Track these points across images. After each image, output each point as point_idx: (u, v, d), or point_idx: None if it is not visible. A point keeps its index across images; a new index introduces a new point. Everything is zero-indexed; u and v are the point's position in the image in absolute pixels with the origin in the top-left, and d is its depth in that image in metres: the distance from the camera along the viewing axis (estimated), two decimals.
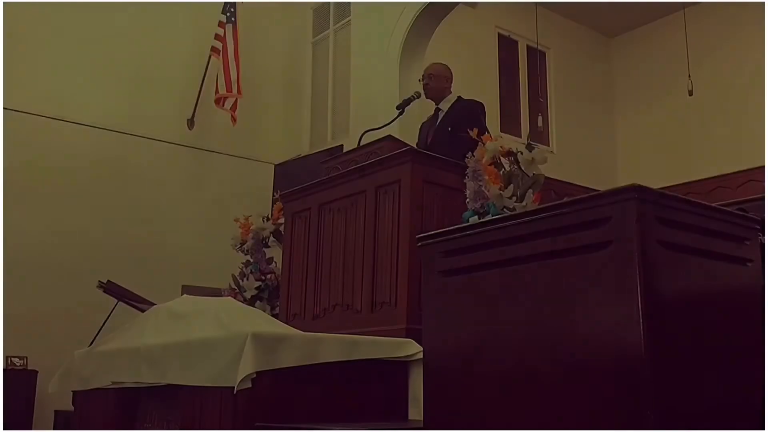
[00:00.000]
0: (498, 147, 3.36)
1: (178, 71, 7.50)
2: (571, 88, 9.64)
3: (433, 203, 3.67)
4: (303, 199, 4.36)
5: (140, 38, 7.30)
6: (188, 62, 7.54)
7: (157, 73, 7.37)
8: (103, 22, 7.09)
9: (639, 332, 1.66)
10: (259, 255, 4.99)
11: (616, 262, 1.75)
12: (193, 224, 7.27)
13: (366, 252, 3.78)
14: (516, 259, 1.99)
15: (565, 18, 9.72)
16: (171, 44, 7.50)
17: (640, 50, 9.87)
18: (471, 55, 8.55)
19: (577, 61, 9.82)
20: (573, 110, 9.58)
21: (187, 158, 7.45)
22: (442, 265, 2.18)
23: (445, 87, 4.74)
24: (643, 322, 1.66)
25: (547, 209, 1.94)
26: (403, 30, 6.70)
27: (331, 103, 7.77)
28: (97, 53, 7.03)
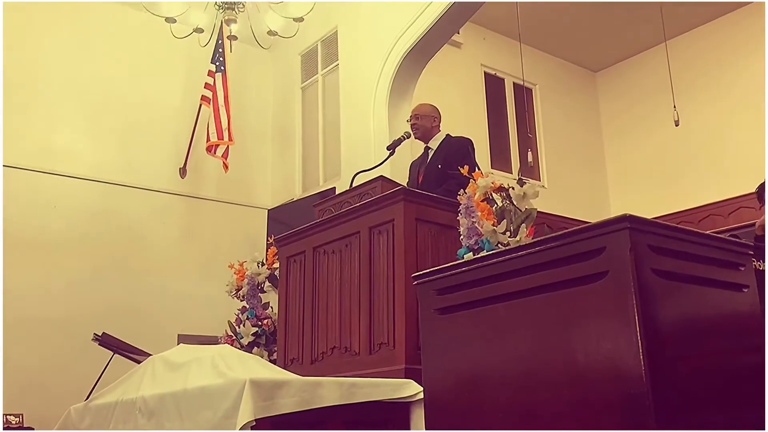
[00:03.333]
0: (489, 183, 3.37)
1: (169, 120, 7.54)
2: (559, 122, 9.73)
3: (427, 241, 3.67)
4: (297, 243, 4.35)
5: (130, 87, 7.35)
6: (179, 111, 7.59)
7: (147, 123, 7.40)
8: (92, 72, 7.15)
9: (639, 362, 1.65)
10: (254, 300, 4.96)
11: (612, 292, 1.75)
12: (188, 272, 7.24)
13: (362, 293, 3.77)
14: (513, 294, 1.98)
15: (549, 54, 9.86)
16: (161, 93, 7.56)
17: (625, 83, 9.99)
18: (458, 94, 8.63)
19: (564, 96, 9.92)
20: (562, 144, 9.65)
21: (180, 207, 7.45)
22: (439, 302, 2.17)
23: (434, 126, 4.78)
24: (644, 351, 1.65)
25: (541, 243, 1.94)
26: (390, 72, 6.78)
27: (322, 146, 7.81)
28: (86, 104, 7.07)
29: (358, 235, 3.88)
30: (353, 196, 4.14)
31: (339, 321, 3.90)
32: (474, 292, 2.09)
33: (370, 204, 3.84)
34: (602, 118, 10.27)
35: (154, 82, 7.53)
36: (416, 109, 4.89)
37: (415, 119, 4.77)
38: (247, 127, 8.06)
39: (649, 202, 8.66)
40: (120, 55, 7.37)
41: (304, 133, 8.14)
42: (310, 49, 8.17)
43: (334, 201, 4.33)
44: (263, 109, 8.40)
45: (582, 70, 10.31)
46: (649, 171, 9.41)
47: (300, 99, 8.25)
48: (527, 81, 9.07)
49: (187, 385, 3.10)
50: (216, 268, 6.78)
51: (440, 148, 4.69)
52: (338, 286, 3.97)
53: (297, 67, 8.32)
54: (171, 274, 7.14)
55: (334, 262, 4.04)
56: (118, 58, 7.34)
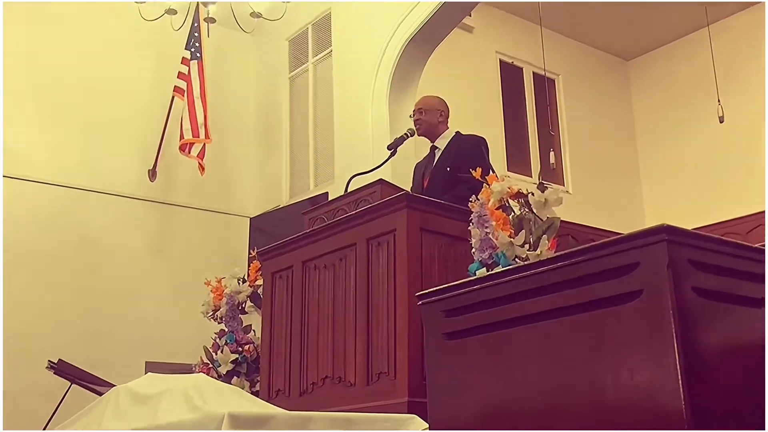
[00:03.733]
0: (506, 188, 3.37)
1: (137, 115, 7.55)
2: (586, 118, 9.74)
3: (433, 255, 3.67)
4: (284, 256, 4.35)
5: (92, 78, 7.37)
6: (148, 105, 7.60)
7: (112, 118, 7.42)
8: (48, 61, 7.16)
9: (679, 395, 1.65)
10: (234, 323, 4.96)
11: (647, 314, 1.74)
12: (158, 289, 7.24)
13: (358, 315, 3.76)
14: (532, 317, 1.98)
15: (575, 40, 9.88)
16: (127, 85, 7.57)
17: (662, 73, 10.01)
18: (470, 85, 8.65)
19: (591, 89, 9.94)
20: (589, 144, 9.66)
21: (149, 214, 7.45)
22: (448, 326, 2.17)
23: (440, 122, 4.78)
24: (684, 383, 1.65)
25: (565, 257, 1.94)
26: (391, 60, 6.79)
27: (313, 145, 7.82)
28: (41, 97, 7.08)
29: (354, 247, 3.88)
30: (349, 202, 4.15)
31: (332, 347, 3.89)
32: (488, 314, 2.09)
33: (368, 211, 3.84)
34: (635, 114, 10.28)
35: (119, 72, 7.55)
36: (420, 102, 4.90)
37: (418, 113, 4.77)
38: (226, 123, 8.07)
39: (689, 211, 8.66)
40: (80, 41, 7.38)
41: (292, 130, 8.15)
42: (300, 34, 8.19)
43: (326, 208, 4.33)
44: (245, 103, 8.42)
45: (612, 58, 10.33)
46: (690, 174, 9.41)
47: (287, 91, 8.26)
48: (549, 71, 9.09)
49: (156, 420, 3.09)
50: (190, 286, 6.76)
51: (449, 147, 4.69)
52: (331, 306, 3.96)
53: (284, 54, 8.34)
54: (138, 292, 7.14)
55: (326, 278, 4.03)
56: (77, 45, 7.36)
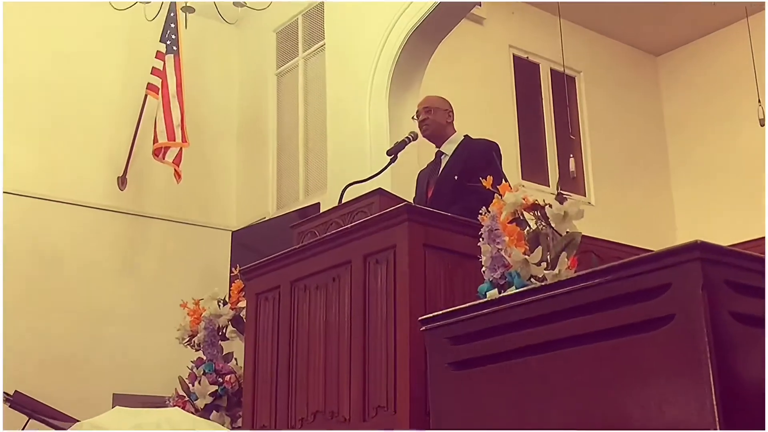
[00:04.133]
0: (520, 199, 3.37)
1: (105, 116, 7.56)
2: (611, 121, 9.75)
3: (438, 274, 3.66)
4: (270, 275, 4.35)
5: (55, 74, 7.37)
6: (117, 104, 7.61)
7: (77, 119, 7.42)
8: (6, 59, 7.16)
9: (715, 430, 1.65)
10: (214, 350, 4.94)
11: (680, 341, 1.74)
12: (127, 312, 7.22)
13: (354, 341, 3.75)
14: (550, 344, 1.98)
15: (597, 33, 9.90)
16: (95, 81, 7.58)
17: (695, 71, 10.02)
18: (480, 83, 8.66)
19: (616, 87, 9.95)
20: (614, 149, 9.66)
21: (118, 226, 7.45)
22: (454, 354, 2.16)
23: (447, 123, 4.79)
24: (720, 418, 1.65)
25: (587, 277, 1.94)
26: (392, 54, 6.80)
27: (303, 150, 7.83)
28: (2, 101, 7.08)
29: (348, 265, 3.87)
30: (343, 214, 4.14)
31: (324, 377, 3.88)
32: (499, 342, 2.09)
33: (365, 225, 3.84)
34: (665, 116, 10.30)
35: (85, 68, 7.56)
36: (425, 101, 4.91)
37: (425, 112, 4.78)
38: (206, 124, 8.07)
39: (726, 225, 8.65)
40: (40, 34, 7.39)
41: (279, 133, 8.15)
42: (289, 25, 8.21)
43: (318, 221, 4.33)
44: (227, 102, 8.43)
45: (639, 53, 10.35)
46: (727, 184, 9.41)
47: (275, 89, 8.27)
48: (569, 67, 9.11)
49: None
50: (163, 308, 6.75)
51: (457, 153, 4.69)
52: (323, 331, 3.95)
53: (271, 47, 8.35)
54: (105, 315, 7.12)
55: (317, 300, 4.03)
56: (38, 38, 7.37)
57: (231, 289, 5.08)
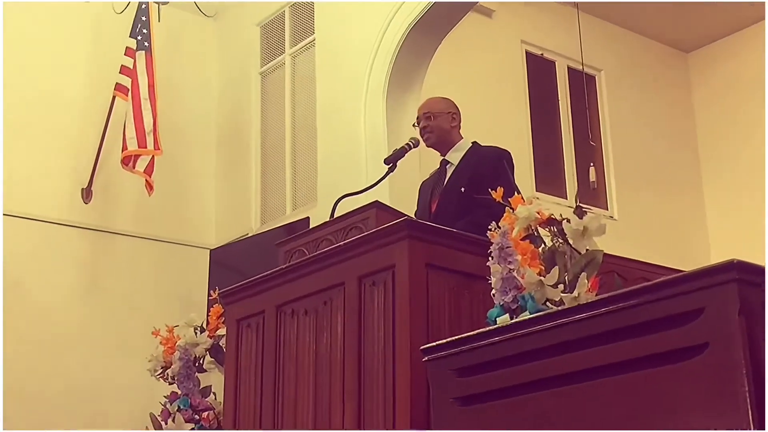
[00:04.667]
0: (534, 213, 3.37)
1: (68, 121, 7.55)
2: (636, 124, 9.75)
3: (442, 298, 3.66)
4: (253, 299, 4.34)
5: (11, 74, 7.36)
6: (82, 107, 7.60)
7: (37, 124, 7.41)
8: None
9: None
10: (190, 384, 4.93)
11: (715, 373, 1.74)
12: (92, 339, 7.20)
13: (347, 373, 3.75)
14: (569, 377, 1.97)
15: (620, 27, 9.92)
16: (57, 82, 7.57)
17: (729, 68, 10.03)
18: (488, 83, 8.67)
19: (642, 87, 9.96)
20: (639, 156, 9.66)
21: (82, 243, 7.43)
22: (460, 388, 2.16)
23: (452, 128, 4.79)
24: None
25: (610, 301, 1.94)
26: (390, 51, 6.80)
27: (290, 158, 7.83)
28: None
29: (342, 288, 3.87)
30: (335, 230, 4.14)
31: (314, 415, 3.87)
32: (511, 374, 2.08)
33: (361, 242, 3.83)
34: (697, 118, 10.30)
35: (45, 66, 7.56)
36: (426, 105, 4.90)
37: (425, 119, 4.78)
38: (181, 130, 8.07)
39: None
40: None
41: (264, 139, 8.16)
42: (274, 18, 8.23)
43: (307, 238, 4.33)
44: (205, 105, 8.43)
45: (668, 50, 10.37)
46: None
47: (258, 90, 8.28)
48: (589, 65, 9.12)
49: None
50: (133, 335, 6.73)
51: (464, 162, 4.69)
52: (312, 362, 3.95)
53: (255, 43, 8.37)
54: (67, 343, 7.10)
55: (306, 327, 4.02)
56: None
57: (209, 314, 5.07)
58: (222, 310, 4.82)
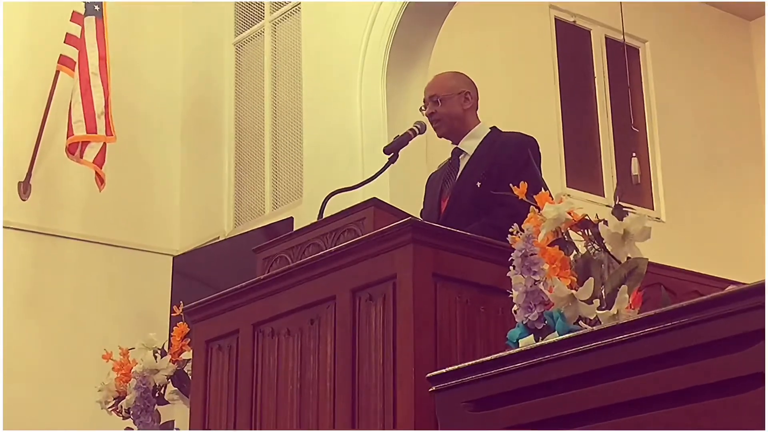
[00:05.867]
0: (564, 213, 3.37)
1: (2, 100, 7.54)
2: (687, 106, 9.76)
3: (453, 315, 3.66)
4: (225, 316, 4.34)
5: None
6: (18, 84, 7.60)
7: None
8: None
9: None
10: (148, 418, 4.94)
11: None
12: (31, 363, 7.20)
13: (339, 405, 3.75)
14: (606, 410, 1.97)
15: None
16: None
17: None
18: (510, 58, 8.67)
19: (695, 62, 9.96)
20: (691, 146, 9.67)
21: (20, 248, 7.42)
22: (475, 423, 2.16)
23: (466, 111, 4.76)
24: None
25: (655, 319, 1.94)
26: (391, 18, 6.81)
27: (271, 148, 7.83)
28: None
29: (332, 303, 3.87)
30: (325, 234, 4.14)
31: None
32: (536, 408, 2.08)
33: (355, 248, 3.84)
34: (762, 100, 10.30)
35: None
36: (432, 85, 4.86)
37: (432, 104, 4.75)
38: (140, 112, 8.08)
39: None
40: None
41: (239, 124, 8.16)
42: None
43: (290, 243, 4.33)
44: (169, 82, 8.43)
45: (727, 16, 10.38)
46: None
47: (232, 65, 8.28)
48: (631, 35, 9.12)
49: None
50: (80, 358, 6.74)
51: (480, 151, 4.68)
52: (297, 393, 3.95)
53: (228, 8, 8.37)
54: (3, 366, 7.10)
55: (289, 351, 4.03)
56: None
57: (172, 334, 5.07)
58: (187, 329, 4.82)
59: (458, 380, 2.22)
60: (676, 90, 9.75)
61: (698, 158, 9.69)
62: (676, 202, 9.42)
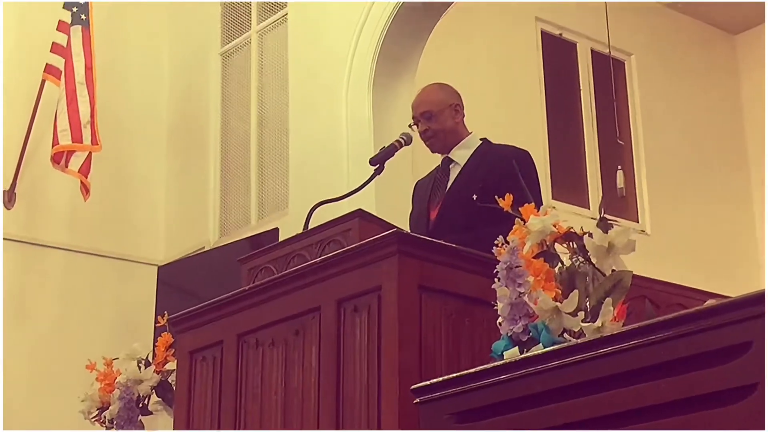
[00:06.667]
0: (549, 225, 3.37)
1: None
2: (672, 119, 9.78)
3: (438, 327, 3.65)
4: (209, 327, 4.34)
5: None
6: (4, 92, 7.57)
7: None
8: None
9: None
10: (131, 428, 4.92)
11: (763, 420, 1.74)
12: (15, 373, 7.17)
13: (323, 417, 3.75)
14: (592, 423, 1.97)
15: (654, 3, 9.95)
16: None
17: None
18: (497, 69, 8.69)
19: (680, 75, 9.99)
20: (676, 158, 9.69)
21: (5, 257, 7.40)
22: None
23: (456, 123, 4.77)
24: None
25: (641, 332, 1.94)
26: (377, 28, 6.81)
27: (257, 158, 7.82)
28: None
29: (317, 314, 3.87)
30: (310, 245, 4.14)
31: None
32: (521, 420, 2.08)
33: (340, 259, 3.83)
34: (746, 113, 10.33)
35: None
36: (422, 101, 4.80)
37: (425, 120, 4.72)
38: (125, 122, 8.06)
39: None
40: None
41: (224, 135, 8.15)
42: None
43: (275, 254, 4.33)
44: (155, 92, 8.42)
45: (712, 30, 10.41)
46: None
47: (218, 74, 8.28)
48: (617, 48, 9.14)
49: None
50: (63, 368, 6.72)
51: (473, 163, 4.66)
52: (281, 404, 3.95)
53: (215, 18, 8.36)
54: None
55: (274, 362, 4.02)
56: None
57: (156, 345, 5.06)
58: (171, 339, 4.81)
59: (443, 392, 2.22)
60: (662, 103, 9.78)
61: (683, 171, 9.71)
62: (661, 215, 9.44)
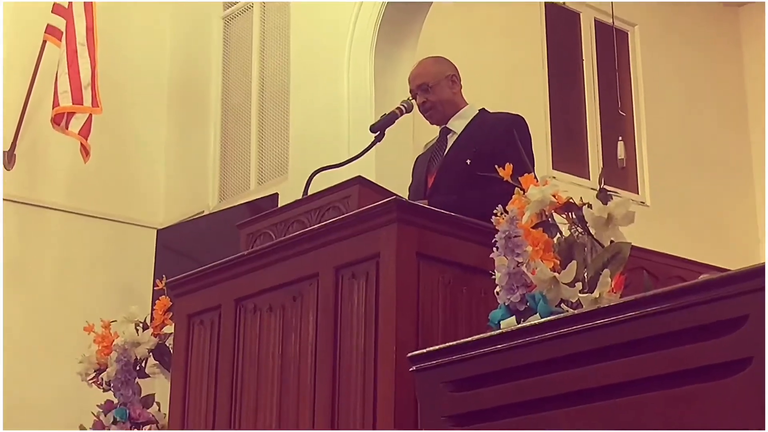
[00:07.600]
0: (549, 196, 3.37)
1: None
2: (675, 91, 9.76)
3: (436, 295, 3.66)
4: (207, 291, 4.34)
5: None
6: (5, 52, 7.55)
7: None
8: None
9: None
10: (128, 391, 4.93)
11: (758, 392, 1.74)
12: (14, 335, 7.18)
13: (319, 384, 3.76)
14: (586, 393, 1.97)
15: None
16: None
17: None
18: (498, 39, 8.65)
19: (683, 47, 9.95)
20: (678, 130, 9.68)
21: (5, 218, 7.39)
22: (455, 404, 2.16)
23: (455, 94, 4.78)
24: None
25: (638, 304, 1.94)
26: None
27: (257, 123, 7.81)
28: None
29: (315, 280, 3.87)
30: (309, 210, 4.14)
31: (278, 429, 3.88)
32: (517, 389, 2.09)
33: (339, 226, 3.83)
34: (748, 86, 10.30)
35: None
36: (419, 73, 4.80)
37: (423, 92, 4.72)
38: (126, 85, 8.04)
39: None
40: None
41: (225, 100, 8.13)
42: None
43: (274, 219, 4.33)
44: (155, 56, 8.39)
45: (716, 2, 10.37)
46: None
47: (220, 39, 8.25)
48: (620, 18, 9.11)
49: None
50: (61, 330, 6.73)
51: (469, 131, 4.68)
52: (278, 369, 3.95)
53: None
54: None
55: (271, 327, 4.02)
56: None
57: (154, 308, 5.06)
58: (169, 303, 4.81)
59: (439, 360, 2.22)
60: (664, 75, 9.75)
61: (684, 143, 9.70)
62: (661, 187, 9.43)
